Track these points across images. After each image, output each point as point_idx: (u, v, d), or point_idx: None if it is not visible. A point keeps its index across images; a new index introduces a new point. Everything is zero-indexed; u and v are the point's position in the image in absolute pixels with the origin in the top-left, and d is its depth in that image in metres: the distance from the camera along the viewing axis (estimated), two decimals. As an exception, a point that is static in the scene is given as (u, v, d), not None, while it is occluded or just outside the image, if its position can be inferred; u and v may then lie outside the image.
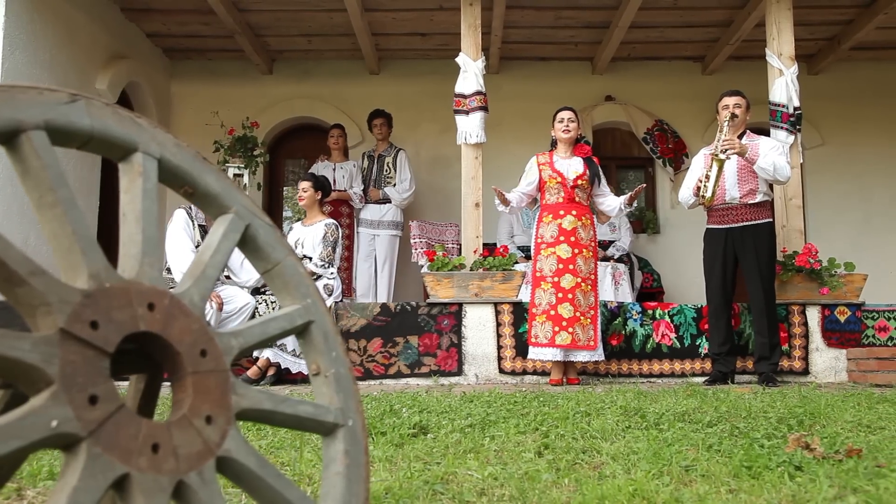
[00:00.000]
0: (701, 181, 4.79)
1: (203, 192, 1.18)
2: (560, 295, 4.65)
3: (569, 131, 4.85)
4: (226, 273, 5.25)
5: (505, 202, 4.88)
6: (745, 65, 7.57)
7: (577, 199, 4.81)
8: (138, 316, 0.97)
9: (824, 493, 1.57)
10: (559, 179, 4.79)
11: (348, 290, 6.39)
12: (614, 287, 6.28)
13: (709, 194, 4.70)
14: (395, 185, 6.79)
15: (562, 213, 4.77)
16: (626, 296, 6.27)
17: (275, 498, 1.06)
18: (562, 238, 4.71)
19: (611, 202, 5.01)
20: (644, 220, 7.92)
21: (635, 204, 5.15)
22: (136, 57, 7.13)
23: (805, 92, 7.88)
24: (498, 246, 6.70)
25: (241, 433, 1.04)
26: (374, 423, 2.57)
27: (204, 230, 5.12)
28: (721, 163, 4.67)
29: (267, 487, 1.05)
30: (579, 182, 4.79)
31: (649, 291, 7.19)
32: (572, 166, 4.84)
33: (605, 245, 7.08)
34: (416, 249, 6.45)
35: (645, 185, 5.07)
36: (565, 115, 4.90)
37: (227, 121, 6.94)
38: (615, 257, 6.87)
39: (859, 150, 7.88)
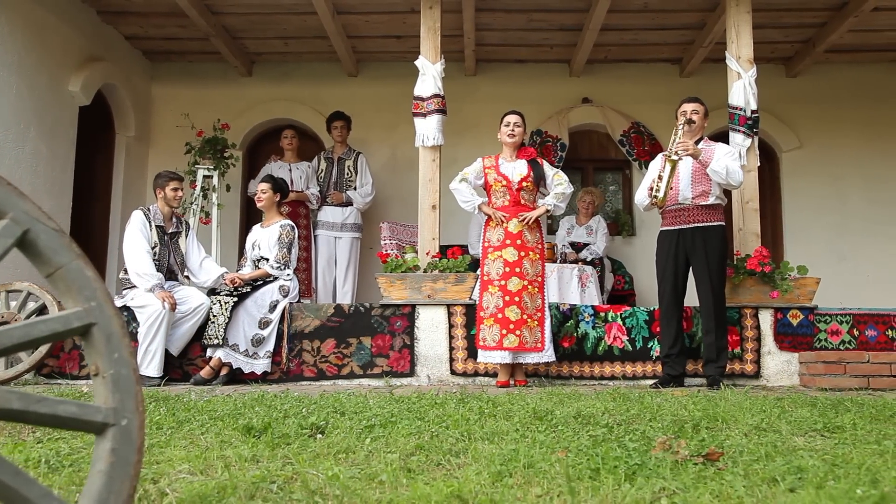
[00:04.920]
0: (654, 182, 4.83)
1: (-25, 199, 1.22)
2: (507, 298, 4.67)
3: (514, 135, 4.86)
4: (185, 274, 5.31)
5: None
6: (723, 67, 7.48)
7: (522, 201, 4.82)
8: None
9: (632, 495, 1.59)
10: (504, 183, 4.80)
11: (308, 291, 6.42)
12: (581, 289, 6.26)
13: (661, 194, 4.73)
14: (356, 188, 6.82)
15: (507, 216, 4.78)
16: (594, 298, 6.24)
17: (12, 496, 1.09)
18: (508, 241, 4.73)
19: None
20: (619, 223, 7.92)
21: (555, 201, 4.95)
22: (113, 59, 7.21)
23: (783, 94, 7.90)
24: (470, 249, 6.75)
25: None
26: (273, 423, 2.61)
27: (162, 231, 5.18)
28: (674, 164, 4.70)
29: (2, 486, 1.08)
30: (524, 184, 4.80)
31: (621, 294, 7.18)
32: (517, 169, 4.85)
33: (579, 248, 7.09)
34: (385, 251, 6.46)
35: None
36: (511, 118, 4.90)
37: (207, 123, 7.00)
38: (587, 260, 6.87)
39: (837, 152, 7.84)
